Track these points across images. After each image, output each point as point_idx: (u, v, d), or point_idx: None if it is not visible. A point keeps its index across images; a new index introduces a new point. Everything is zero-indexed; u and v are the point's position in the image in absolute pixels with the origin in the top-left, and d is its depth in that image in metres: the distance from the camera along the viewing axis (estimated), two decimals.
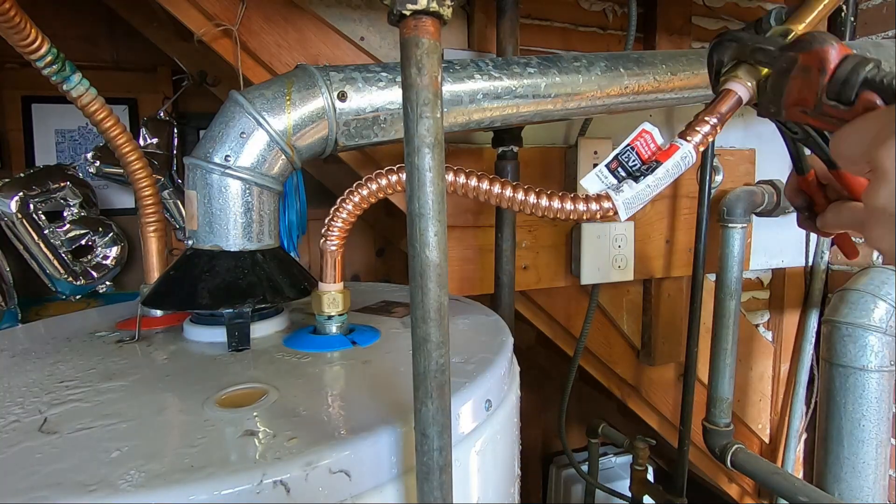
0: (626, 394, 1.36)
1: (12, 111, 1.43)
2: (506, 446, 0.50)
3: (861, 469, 1.30)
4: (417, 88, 0.27)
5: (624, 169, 0.53)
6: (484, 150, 1.06)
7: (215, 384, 0.47)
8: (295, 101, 0.59)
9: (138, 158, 0.71)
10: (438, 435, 0.29)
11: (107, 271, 1.45)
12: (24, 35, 0.59)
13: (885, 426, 1.30)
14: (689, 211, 1.25)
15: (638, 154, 0.52)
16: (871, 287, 1.24)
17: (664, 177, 0.51)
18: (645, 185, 0.51)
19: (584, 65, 0.78)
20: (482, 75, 0.70)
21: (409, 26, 0.27)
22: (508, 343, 0.58)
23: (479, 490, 0.45)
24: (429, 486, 0.29)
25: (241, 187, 0.58)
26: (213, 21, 0.86)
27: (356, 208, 0.53)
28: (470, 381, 0.45)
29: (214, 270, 0.57)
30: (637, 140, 0.52)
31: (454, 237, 1.05)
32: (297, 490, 0.32)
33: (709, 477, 1.48)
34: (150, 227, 0.72)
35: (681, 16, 1.20)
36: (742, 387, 1.46)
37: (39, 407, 0.43)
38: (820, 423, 1.40)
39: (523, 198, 0.54)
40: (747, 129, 1.37)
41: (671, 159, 0.51)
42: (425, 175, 0.28)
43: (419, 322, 0.29)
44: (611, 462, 1.76)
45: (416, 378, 0.29)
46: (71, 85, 0.65)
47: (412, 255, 0.28)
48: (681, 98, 0.89)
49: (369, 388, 0.45)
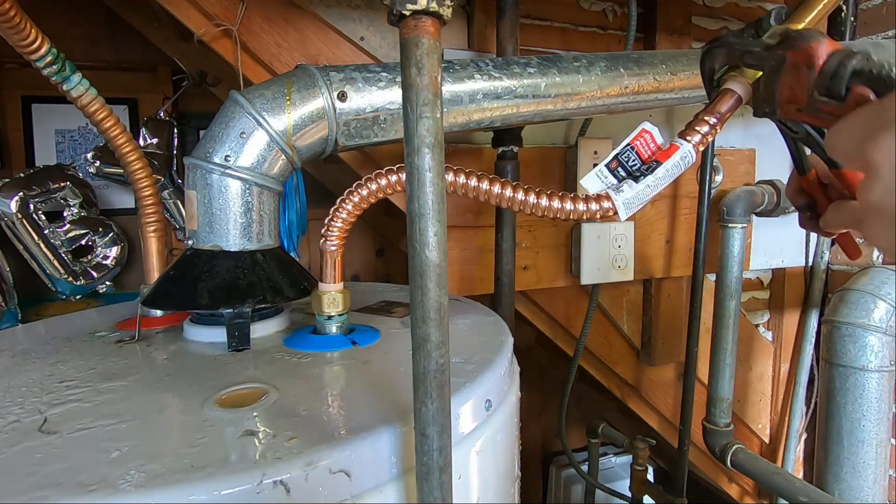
0: (626, 394, 1.36)
1: (12, 111, 1.43)
2: (506, 446, 0.50)
3: (861, 469, 1.30)
4: (417, 88, 0.27)
5: (624, 169, 0.53)
6: (484, 150, 1.06)
7: (215, 384, 0.47)
8: (295, 101, 0.59)
9: (138, 158, 0.71)
10: (438, 435, 0.29)
11: (107, 271, 1.45)
12: (24, 35, 0.59)
13: (884, 426, 1.30)
14: (689, 211, 1.25)
15: (638, 154, 0.52)
16: (871, 287, 1.24)
17: (664, 176, 0.51)
18: (645, 184, 0.51)
19: (584, 65, 0.78)
20: (482, 75, 0.70)
21: (409, 26, 0.27)
22: (508, 343, 0.58)
23: (479, 490, 0.45)
24: (429, 486, 0.29)
25: (241, 187, 0.58)
26: (213, 21, 0.86)
27: (356, 208, 0.53)
28: (470, 381, 0.45)
29: (214, 270, 0.57)
30: (637, 140, 0.52)
31: (454, 237, 1.05)
32: (297, 490, 0.32)
33: (709, 477, 1.48)
34: (150, 227, 0.72)
35: (681, 16, 1.20)
36: (742, 387, 1.46)
37: (39, 407, 0.43)
38: (820, 423, 1.40)
39: (523, 198, 0.54)
40: (747, 129, 1.37)
41: (671, 159, 0.51)
42: (425, 175, 0.28)
43: (419, 322, 0.29)
44: (611, 462, 1.76)
45: (415, 378, 0.29)
46: (71, 85, 0.65)
47: (412, 255, 0.28)
48: (681, 98, 0.89)
49: (369, 388, 0.45)
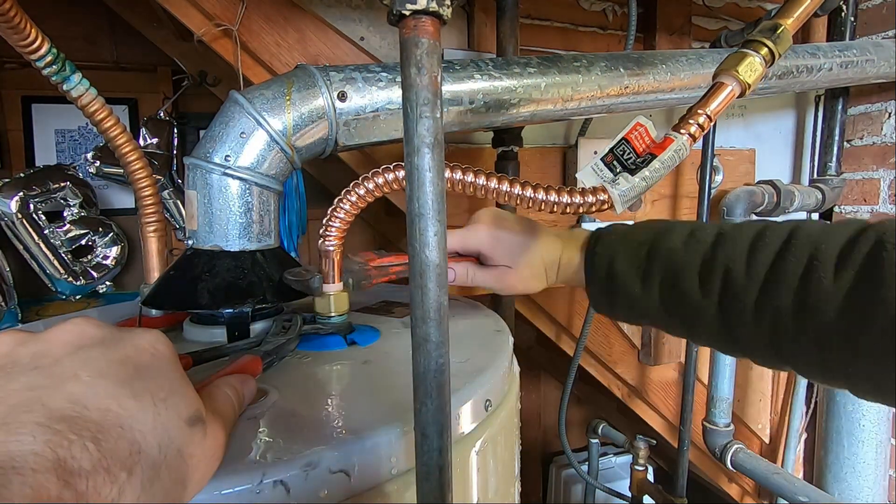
0: (626, 394, 1.36)
1: (12, 111, 1.43)
2: (506, 446, 0.50)
3: (861, 469, 1.30)
4: (417, 88, 0.27)
5: (619, 162, 0.53)
6: (484, 150, 1.06)
7: None
8: (295, 100, 0.59)
9: (138, 158, 0.71)
10: (438, 435, 0.29)
11: (107, 271, 1.45)
12: (24, 35, 0.59)
13: (884, 426, 1.30)
14: (690, 211, 1.25)
15: (633, 147, 0.52)
16: None
17: (660, 169, 0.52)
18: (640, 177, 0.52)
19: (584, 65, 0.78)
20: (482, 75, 0.70)
21: (409, 26, 0.27)
22: (508, 343, 0.58)
23: (479, 490, 0.45)
24: (428, 486, 0.29)
25: (241, 187, 0.58)
26: (213, 21, 0.86)
27: (354, 207, 0.53)
28: (470, 381, 0.45)
29: (214, 270, 0.57)
30: (632, 133, 0.53)
31: None
32: (297, 490, 0.32)
33: (709, 477, 1.48)
34: (150, 227, 0.72)
35: (681, 16, 1.20)
36: (742, 387, 1.46)
37: None
38: (820, 423, 1.40)
39: (520, 192, 0.54)
40: (747, 129, 1.37)
41: (666, 152, 0.51)
42: (425, 175, 0.28)
43: (419, 322, 0.29)
44: (611, 462, 1.76)
45: (415, 378, 0.29)
46: (71, 85, 0.65)
47: (412, 255, 0.28)
48: (681, 98, 0.89)
49: (369, 388, 0.45)
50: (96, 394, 0.22)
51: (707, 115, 0.52)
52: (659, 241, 0.49)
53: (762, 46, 0.51)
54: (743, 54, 0.52)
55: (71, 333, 0.25)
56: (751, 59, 0.51)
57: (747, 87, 0.52)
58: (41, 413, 0.20)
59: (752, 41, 0.52)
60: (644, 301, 0.50)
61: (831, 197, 1.32)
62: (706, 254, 0.46)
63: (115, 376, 0.23)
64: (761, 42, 0.52)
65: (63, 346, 0.24)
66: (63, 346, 0.24)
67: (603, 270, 0.53)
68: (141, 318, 0.63)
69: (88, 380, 0.22)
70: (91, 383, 0.22)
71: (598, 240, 0.55)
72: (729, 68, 0.52)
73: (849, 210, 1.40)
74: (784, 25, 0.52)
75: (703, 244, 0.46)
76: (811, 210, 1.36)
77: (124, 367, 0.24)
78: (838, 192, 1.35)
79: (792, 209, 1.25)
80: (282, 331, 0.54)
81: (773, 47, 0.51)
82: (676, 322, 0.49)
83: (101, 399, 0.22)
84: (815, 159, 1.41)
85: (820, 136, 1.39)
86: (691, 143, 0.52)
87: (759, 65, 0.51)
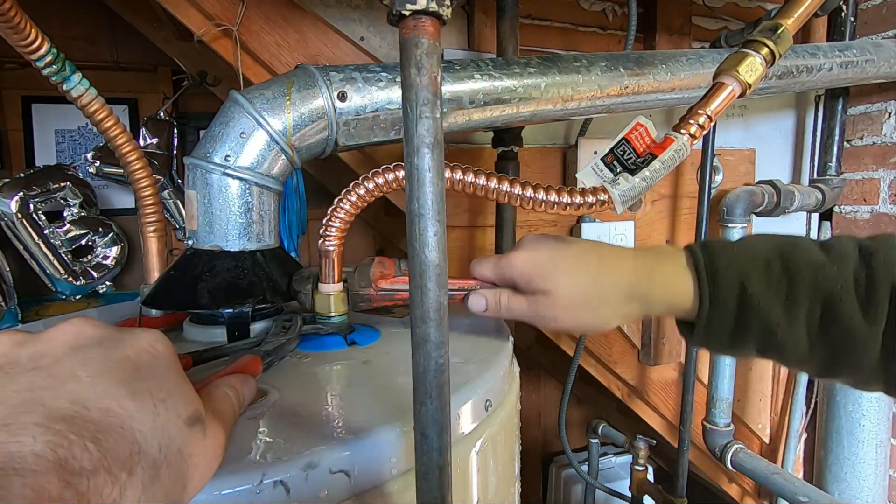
0: (626, 394, 1.36)
1: (12, 111, 1.43)
2: (506, 446, 0.50)
3: (861, 469, 1.30)
4: (417, 88, 0.27)
5: (619, 162, 0.53)
6: (484, 150, 1.06)
7: None
8: (295, 100, 0.59)
9: (138, 158, 0.71)
10: (438, 435, 0.29)
11: (107, 271, 1.45)
12: (24, 35, 0.59)
13: (884, 426, 1.30)
14: (690, 211, 1.25)
15: (633, 147, 0.52)
16: None
17: (660, 169, 0.52)
18: (641, 177, 0.52)
19: (584, 65, 0.78)
20: (482, 75, 0.70)
21: (409, 26, 0.27)
22: (508, 343, 0.58)
23: (479, 490, 0.45)
24: (428, 485, 0.29)
25: (241, 187, 0.58)
26: (213, 21, 0.86)
27: (354, 207, 0.53)
28: (470, 381, 0.45)
29: (214, 270, 0.57)
30: (632, 133, 0.53)
31: (454, 237, 1.05)
32: (297, 490, 0.32)
33: (709, 477, 1.48)
34: (150, 227, 0.72)
35: (681, 16, 1.20)
36: (742, 387, 1.46)
37: None
38: (820, 423, 1.40)
39: (520, 192, 0.54)
40: (747, 129, 1.37)
41: (666, 152, 0.51)
42: (425, 175, 0.28)
43: (419, 322, 0.29)
44: (611, 462, 1.76)
45: (415, 378, 0.29)
46: (71, 85, 0.65)
47: (412, 255, 0.28)
48: (681, 98, 0.89)
49: (369, 388, 0.45)
50: (96, 394, 0.22)
51: (707, 116, 0.52)
52: (793, 254, 0.39)
53: (763, 46, 0.51)
54: (743, 54, 0.52)
55: (70, 334, 0.25)
56: (751, 60, 0.51)
57: (748, 88, 0.52)
58: (41, 413, 0.20)
59: (752, 41, 0.52)
60: (786, 332, 0.39)
61: (831, 197, 1.32)
62: (857, 269, 0.37)
63: (114, 376, 0.23)
64: (762, 42, 0.52)
65: (62, 346, 0.24)
66: (62, 346, 0.24)
67: (734, 293, 0.41)
68: (141, 318, 0.63)
69: (88, 380, 0.22)
70: (91, 383, 0.22)
71: (711, 254, 0.42)
72: (729, 68, 0.52)
73: (849, 210, 1.40)
74: (784, 25, 0.52)
75: (849, 258, 0.37)
76: (811, 210, 1.36)
77: (124, 368, 0.24)
78: (838, 192, 1.35)
79: (792, 209, 1.25)
80: (282, 331, 0.54)
81: (773, 47, 0.51)
82: (825, 356, 0.39)
83: (101, 399, 0.22)
84: (815, 159, 1.41)
85: (820, 136, 1.39)
86: (691, 143, 0.52)
87: (760, 65, 0.51)
